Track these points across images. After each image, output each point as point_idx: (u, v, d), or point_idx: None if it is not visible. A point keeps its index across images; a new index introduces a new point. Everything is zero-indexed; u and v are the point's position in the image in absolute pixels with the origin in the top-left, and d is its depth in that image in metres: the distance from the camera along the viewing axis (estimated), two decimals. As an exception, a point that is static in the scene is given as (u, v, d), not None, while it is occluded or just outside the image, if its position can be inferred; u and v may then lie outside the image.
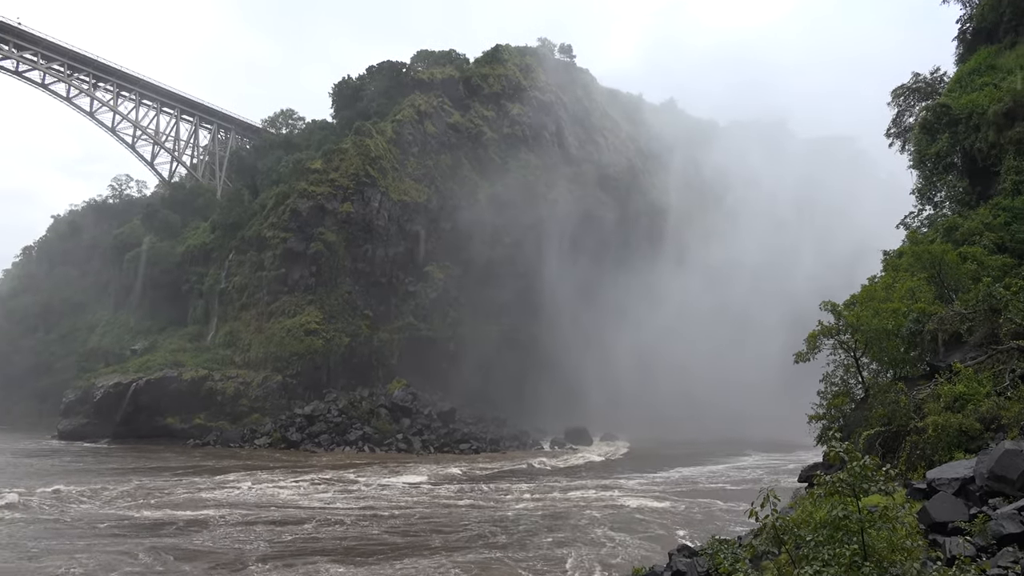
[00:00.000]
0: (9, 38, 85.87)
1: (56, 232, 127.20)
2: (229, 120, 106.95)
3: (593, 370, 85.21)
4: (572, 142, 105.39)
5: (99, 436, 68.89)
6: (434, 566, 23.98)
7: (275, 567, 23.13)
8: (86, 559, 22.99)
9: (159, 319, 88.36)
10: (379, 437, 67.06)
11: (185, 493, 36.44)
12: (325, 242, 78.23)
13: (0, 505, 30.77)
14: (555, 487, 42.91)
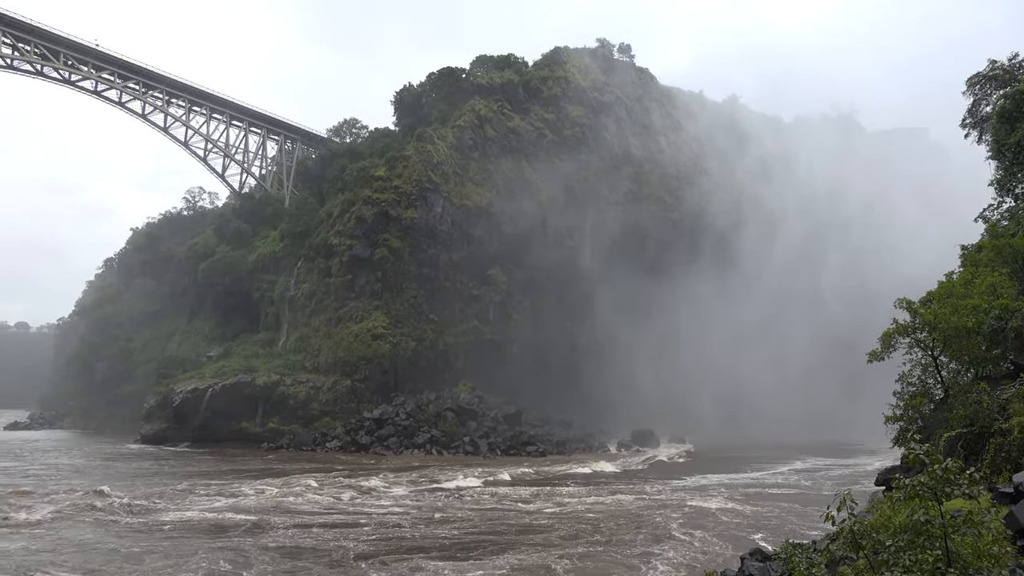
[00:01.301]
0: (88, 59, 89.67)
1: (134, 244, 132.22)
2: (295, 131, 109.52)
3: (657, 373, 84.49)
4: (633, 142, 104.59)
5: (179, 440, 71.30)
6: (537, 561, 24.48)
7: (379, 563, 23.54)
8: (200, 558, 23.53)
9: (232, 326, 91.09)
10: (446, 440, 67.73)
11: (269, 494, 37.29)
12: (390, 248, 79.40)
13: (98, 508, 31.86)
14: (626, 488, 42.85)
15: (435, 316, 79.26)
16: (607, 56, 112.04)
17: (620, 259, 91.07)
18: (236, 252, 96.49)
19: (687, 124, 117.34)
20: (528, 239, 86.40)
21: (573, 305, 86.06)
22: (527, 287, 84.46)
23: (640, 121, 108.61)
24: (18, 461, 55.57)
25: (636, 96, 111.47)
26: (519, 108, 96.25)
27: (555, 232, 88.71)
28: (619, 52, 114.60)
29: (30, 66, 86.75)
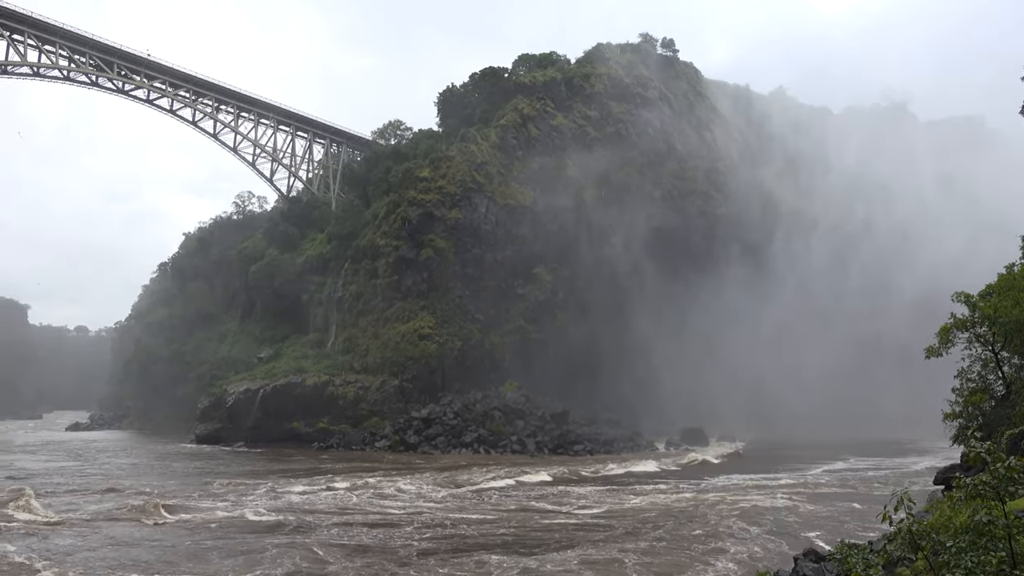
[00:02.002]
0: (140, 69, 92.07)
1: (187, 249, 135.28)
2: (340, 134, 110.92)
3: (702, 372, 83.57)
4: (677, 138, 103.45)
5: (232, 440, 72.75)
6: (605, 555, 24.59)
7: (444, 560, 23.69)
8: (273, 556, 23.79)
9: (282, 328, 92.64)
10: (493, 439, 67.87)
11: (324, 493, 37.76)
12: (435, 248, 79.86)
13: (157, 505, 32.43)
14: (678, 487, 42.58)
15: (481, 316, 79.46)
16: (650, 51, 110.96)
17: (663, 256, 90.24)
18: (285, 255, 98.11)
19: (732, 118, 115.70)
20: (572, 237, 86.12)
21: (618, 302, 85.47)
22: (572, 285, 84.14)
23: (684, 116, 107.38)
24: (79, 461, 57.33)
25: (680, 91, 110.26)
26: (562, 106, 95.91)
27: (599, 229, 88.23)
28: (662, 47, 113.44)
29: (86, 77, 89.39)
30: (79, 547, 24.30)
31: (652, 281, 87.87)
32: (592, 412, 76.62)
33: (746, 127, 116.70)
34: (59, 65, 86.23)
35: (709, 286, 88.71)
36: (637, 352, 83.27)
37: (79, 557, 22.79)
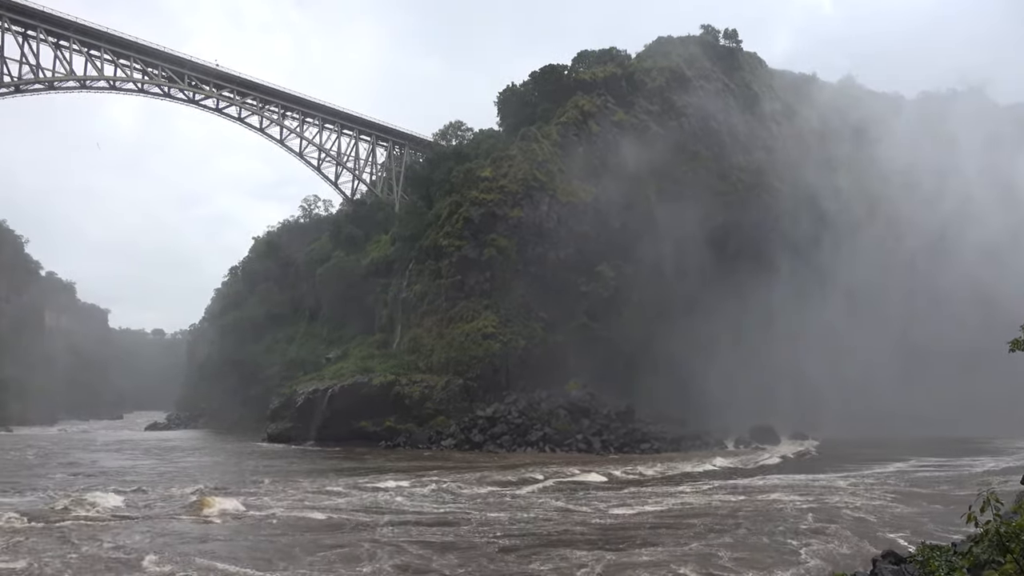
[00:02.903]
0: (209, 79, 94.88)
1: (256, 252, 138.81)
2: (402, 136, 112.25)
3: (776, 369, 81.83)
4: (742, 130, 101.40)
5: (302, 439, 74.28)
6: (690, 552, 24.42)
7: (528, 556, 23.59)
8: (364, 551, 23.94)
9: (349, 328, 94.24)
10: (559, 438, 67.69)
11: (395, 491, 38.01)
12: (498, 248, 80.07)
13: (236, 504, 33.07)
14: (751, 485, 41.73)
15: (544, 314, 79.31)
16: (712, 43, 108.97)
17: (726, 250, 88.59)
18: (350, 257, 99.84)
19: (800, 109, 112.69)
20: (635, 233, 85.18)
21: (681, 299, 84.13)
22: (635, 282, 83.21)
23: (748, 108, 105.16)
24: (158, 459, 59.29)
25: (743, 82, 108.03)
26: (623, 102, 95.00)
27: (662, 225, 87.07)
28: (725, 38, 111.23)
29: (159, 89, 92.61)
30: (165, 542, 24.82)
31: (714, 277, 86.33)
32: (657, 410, 75.72)
33: (812, 117, 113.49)
34: (134, 78, 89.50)
35: (768, 282, 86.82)
36: (700, 350, 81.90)
37: (170, 552, 23.27)
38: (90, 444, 77.56)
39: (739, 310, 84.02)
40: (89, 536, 25.24)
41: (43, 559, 21.84)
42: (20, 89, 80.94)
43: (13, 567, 20.75)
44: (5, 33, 78.72)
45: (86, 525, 27.30)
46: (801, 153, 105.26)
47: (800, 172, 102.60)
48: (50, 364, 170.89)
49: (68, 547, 23.62)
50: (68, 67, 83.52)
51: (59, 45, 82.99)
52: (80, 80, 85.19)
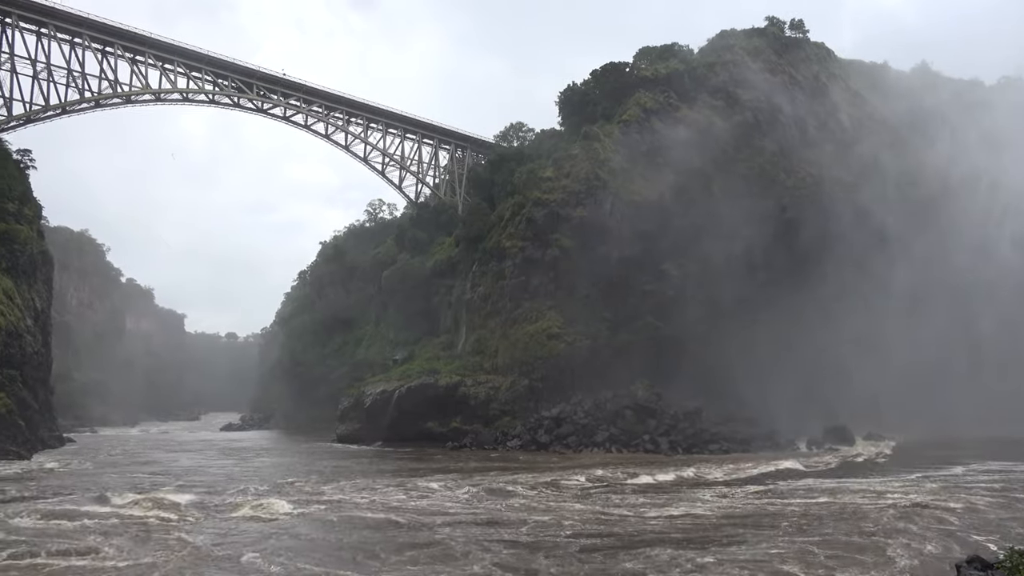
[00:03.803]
0: (277, 88, 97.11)
1: (323, 256, 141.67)
2: (464, 139, 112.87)
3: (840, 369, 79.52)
4: (811, 122, 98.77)
5: (371, 439, 75.35)
6: (785, 551, 24.16)
7: (609, 556, 23.46)
8: (457, 550, 24.05)
9: (415, 330, 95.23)
10: (625, 438, 67.07)
11: (470, 490, 38.09)
12: (561, 248, 79.80)
13: (309, 503, 33.74)
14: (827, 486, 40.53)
15: (609, 314, 78.70)
16: (777, 35, 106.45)
17: (795, 246, 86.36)
18: (415, 259, 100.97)
19: (870, 98, 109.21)
20: (701, 231, 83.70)
21: (749, 297, 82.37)
22: (701, 280, 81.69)
23: (818, 100, 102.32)
24: (236, 459, 60.89)
25: (810, 74, 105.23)
26: (686, 97, 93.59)
27: (729, 222, 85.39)
28: (791, 29, 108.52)
29: (228, 99, 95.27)
30: (254, 540, 25.16)
31: (780, 274, 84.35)
32: (726, 410, 74.30)
33: (883, 106, 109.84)
34: (205, 89, 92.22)
35: (832, 279, 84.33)
36: (765, 349, 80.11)
37: (263, 550, 23.62)
38: (170, 445, 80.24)
39: (804, 308, 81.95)
40: (183, 534, 25.81)
41: (147, 557, 22.44)
42: (100, 104, 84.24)
43: (119, 564, 21.36)
44: (86, 51, 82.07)
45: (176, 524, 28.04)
46: (871, 144, 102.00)
47: (869, 164, 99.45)
48: (130, 367, 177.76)
49: (164, 546, 24.18)
50: (144, 81, 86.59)
51: (135, 60, 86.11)
52: (155, 93, 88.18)
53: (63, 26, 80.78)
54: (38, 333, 71.56)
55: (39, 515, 28.66)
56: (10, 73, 77.00)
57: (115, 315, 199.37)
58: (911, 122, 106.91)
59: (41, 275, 76.04)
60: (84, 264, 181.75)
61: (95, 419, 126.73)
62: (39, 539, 24.17)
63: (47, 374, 74.64)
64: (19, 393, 63.06)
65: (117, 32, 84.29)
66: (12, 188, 72.20)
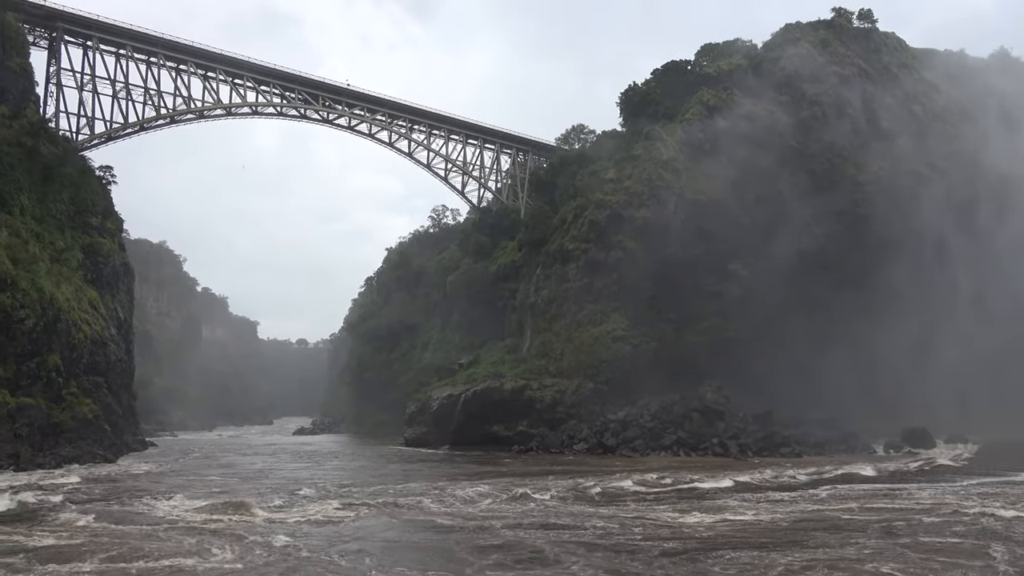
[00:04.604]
0: (341, 98, 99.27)
1: (389, 263, 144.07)
2: (526, 143, 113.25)
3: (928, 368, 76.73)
4: (882, 115, 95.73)
5: (438, 443, 76.07)
6: (870, 552, 23.87)
7: (693, 559, 23.30)
8: (548, 553, 23.91)
9: (479, 334, 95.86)
10: (693, 441, 66.11)
11: (542, 493, 37.93)
12: (624, 249, 79.25)
13: (391, 505, 34.09)
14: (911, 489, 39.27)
15: (674, 315, 77.80)
16: (845, 26, 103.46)
17: (869, 242, 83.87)
18: (479, 264, 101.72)
19: (945, 89, 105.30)
20: (769, 230, 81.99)
21: (822, 296, 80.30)
22: (770, 280, 79.83)
23: (890, 91, 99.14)
24: (307, 462, 62.34)
25: (881, 65, 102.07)
26: (750, 94, 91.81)
27: (798, 220, 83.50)
28: (859, 19, 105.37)
29: (296, 111, 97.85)
30: (334, 544, 25.40)
31: (853, 272, 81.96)
32: (797, 412, 72.56)
33: (959, 96, 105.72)
34: (273, 102, 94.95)
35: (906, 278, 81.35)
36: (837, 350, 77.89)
37: (346, 552, 24.04)
38: (246, 448, 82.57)
39: (877, 306, 79.48)
40: (265, 536, 26.31)
41: (247, 559, 22.93)
42: (175, 120, 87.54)
43: (224, 567, 21.98)
44: (161, 69, 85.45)
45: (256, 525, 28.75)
46: (947, 135, 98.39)
47: (946, 155, 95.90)
48: (206, 373, 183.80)
49: (252, 546, 24.64)
50: (216, 96, 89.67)
51: (207, 77, 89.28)
52: (226, 108, 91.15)
53: (140, 46, 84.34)
54: (121, 341, 74.66)
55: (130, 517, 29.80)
56: (92, 94, 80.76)
57: (192, 323, 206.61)
58: (990, 111, 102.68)
59: (123, 286, 79.35)
60: (163, 275, 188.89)
61: (175, 424, 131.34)
62: (138, 541, 24.94)
63: (130, 380, 77.79)
64: (105, 399, 65.94)
65: (190, 50, 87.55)
66: (95, 203, 75.49)
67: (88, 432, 59.51)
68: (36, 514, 30.20)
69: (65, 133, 78.30)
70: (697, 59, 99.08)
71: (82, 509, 31.34)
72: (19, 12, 76.05)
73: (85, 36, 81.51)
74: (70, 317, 62.04)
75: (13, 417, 52.48)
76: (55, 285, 61.40)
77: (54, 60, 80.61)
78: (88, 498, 36.09)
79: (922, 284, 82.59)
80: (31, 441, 52.94)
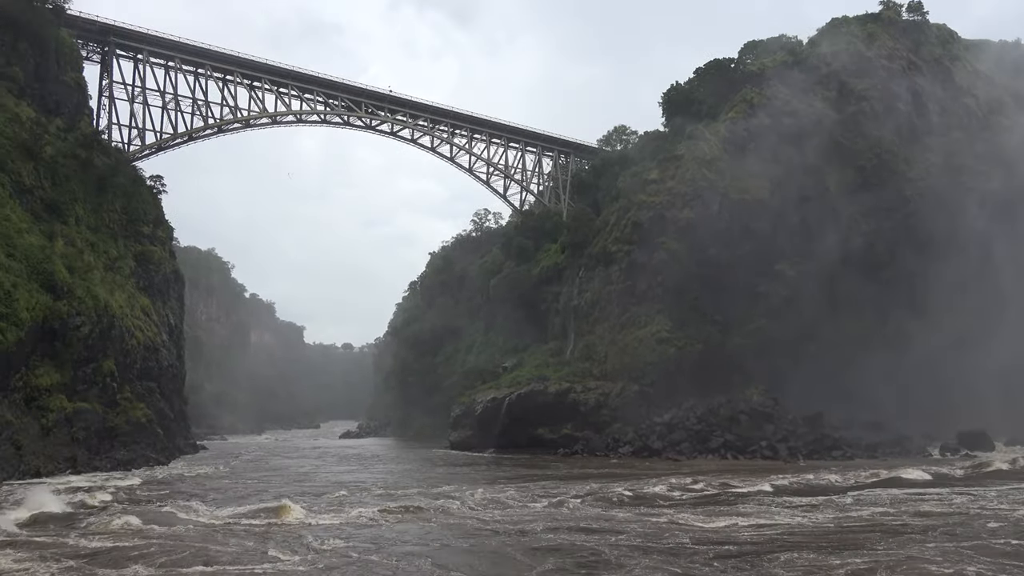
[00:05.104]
0: (384, 105, 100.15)
1: (432, 267, 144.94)
2: (567, 145, 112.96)
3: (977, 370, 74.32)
4: (933, 108, 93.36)
5: (483, 446, 76.21)
6: (931, 554, 23.42)
7: (751, 561, 22.91)
8: (609, 557, 23.61)
9: (523, 337, 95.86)
10: (741, 444, 65.21)
11: (587, 497, 37.63)
12: (668, 250, 78.52)
13: (439, 508, 34.05)
14: (967, 493, 38.02)
15: (720, 317, 76.82)
16: (894, 19, 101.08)
17: (924, 238, 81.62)
18: (521, 267, 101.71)
19: (1000, 80, 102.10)
20: (817, 228, 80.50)
21: (878, 296, 78.42)
22: (818, 280, 78.38)
23: (941, 84, 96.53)
24: (355, 465, 62.93)
25: (931, 57, 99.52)
26: (795, 90, 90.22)
27: (847, 217, 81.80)
28: (909, 11, 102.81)
29: (339, 118, 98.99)
30: (386, 546, 25.35)
31: (906, 269, 79.87)
32: (847, 414, 71.05)
33: (1018, 86, 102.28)
34: (317, 110, 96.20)
35: (961, 276, 78.69)
36: (890, 351, 76.00)
37: (400, 554, 24.05)
38: (293, 452, 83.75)
39: (932, 305, 77.26)
40: (318, 538, 26.43)
41: (310, 560, 23.01)
42: (222, 129, 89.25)
43: (287, 569, 22.09)
44: (208, 80, 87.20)
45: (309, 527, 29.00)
46: (1002, 127, 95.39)
47: (1000, 148, 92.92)
48: (254, 378, 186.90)
49: (308, 549, 24.69)
50: (261, 105, 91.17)
51: (253, 86, 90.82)
52: (272, 116, 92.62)
53: (188, 58, 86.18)
54: (172, 347, 76.32)
55: (187, 520, 30.18)
56: (142, 105, 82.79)
57: (240, 329, 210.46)
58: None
59: (174, 293, 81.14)
60: (212, 281, 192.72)
61: (225, 427, 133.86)
62: (199, 543, 25.19)
63: (181, 385, 79.47)
64: (157, 404, 67.46)
65: (236, 60, 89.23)
66: (147, 212, 77.32)
67: (142, 436, 60.94)
68: (95, 517, 30.78)
69: (117, 144, 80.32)
70: (740, 57, 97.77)
71: (140, 511, 31.91)
72: (73, 28, 78.35)
73: (136, 49, 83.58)
74: (124, 324, 63.61)
75: (70, 421, 53.90)
76: (109, 293, 63.02)
77: (106, 73, 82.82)
78: (146, 499, 36.90)
79: (970, 282, 79.92)
80: (87, 445, 54.37)
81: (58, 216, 62.90)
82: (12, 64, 66.36)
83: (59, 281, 55.31)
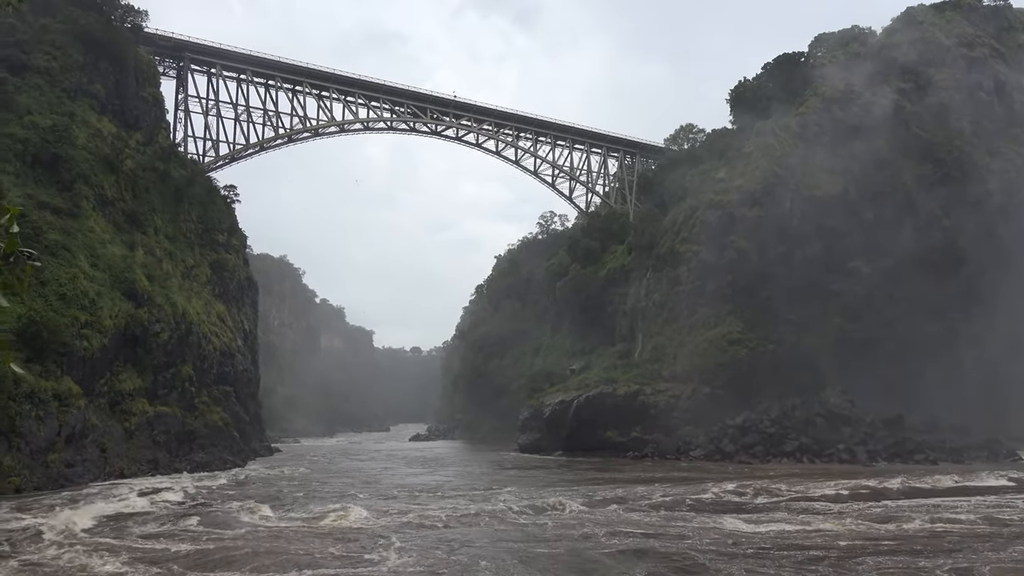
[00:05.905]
0: (449, 110, 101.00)
1: (499, 270, 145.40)
2: (633, 145, 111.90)
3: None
4: (1017, 97, 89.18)
5: (551, 449, 75.90)
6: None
7: (835, 566, 22.37)
8: (698, 561, 23.43)
9: (590, 339, 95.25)
10: (817, 448, 63.34)
11: (663, 500, 37.16)
12: (738, 250, 76.90)
13: (509, 511, 34.06)
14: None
15: (793, 317, 74.75)
16: (974, 5, 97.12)
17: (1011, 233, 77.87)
18: (588, 269, 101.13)
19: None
20: (894, 224, 77.71)
21: (960, 294, 75.15)
22: (896, 277, 75.65)
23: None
24: (426, 467, 63.36)
25: (1016, 43, 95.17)
26: (870, 83, 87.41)
27: (926, 213, 78.71)
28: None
29: (405, 125, 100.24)
30: (459, 548, 25.38)
31: (990, 265, 76.25)
32: (928, 417, 68.23)
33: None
34: (383, 117, 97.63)
35: None
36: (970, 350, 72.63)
37: (477, 556, 24.00)
38: (365, 455, 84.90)
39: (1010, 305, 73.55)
40: (411, 540, 26.64)
41: (404, 563, 23.23)
42: (292, 139, 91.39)
43: (373, 570, 22.34)
44: (278, 91, 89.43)
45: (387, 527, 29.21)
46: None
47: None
48: (325, 382, 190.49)
49: (409, 550, 24.89)
50: (329, 114, 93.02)
51: (321, 96, 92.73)
52: (339, 125, 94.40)
53: (258, 71, 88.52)
54: (247, 352, 78.41)
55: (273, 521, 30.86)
56: (216, 118, 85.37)
57: (311, 334, 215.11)
58: None
59: (248, 299, 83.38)
60: (284, 287, 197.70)
61: (298, 430, 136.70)
62: (288, 544, 25.68)
63: (256, 389, 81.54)
64: (233, 408, 69.36)
65: (304, 71, 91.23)
66: (221, 221, 79.71)
67: (219, 439, 62.74)
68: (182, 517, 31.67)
69: (193, 156, 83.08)
70: (811, 50, 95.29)
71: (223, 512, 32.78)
72: (150, 45, 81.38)
73: (209, 64, 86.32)
74: (201, 330, 65.66)
75: (152, 425, 55.87)
76: (187, 300, 65.14)
77: (182, 88, 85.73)
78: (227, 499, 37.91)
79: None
80: (168, 447, 56.28)
81: (138, 226, 65.31)
82: (94, 82, 69.24)
83: (140, 289, 57.40)
